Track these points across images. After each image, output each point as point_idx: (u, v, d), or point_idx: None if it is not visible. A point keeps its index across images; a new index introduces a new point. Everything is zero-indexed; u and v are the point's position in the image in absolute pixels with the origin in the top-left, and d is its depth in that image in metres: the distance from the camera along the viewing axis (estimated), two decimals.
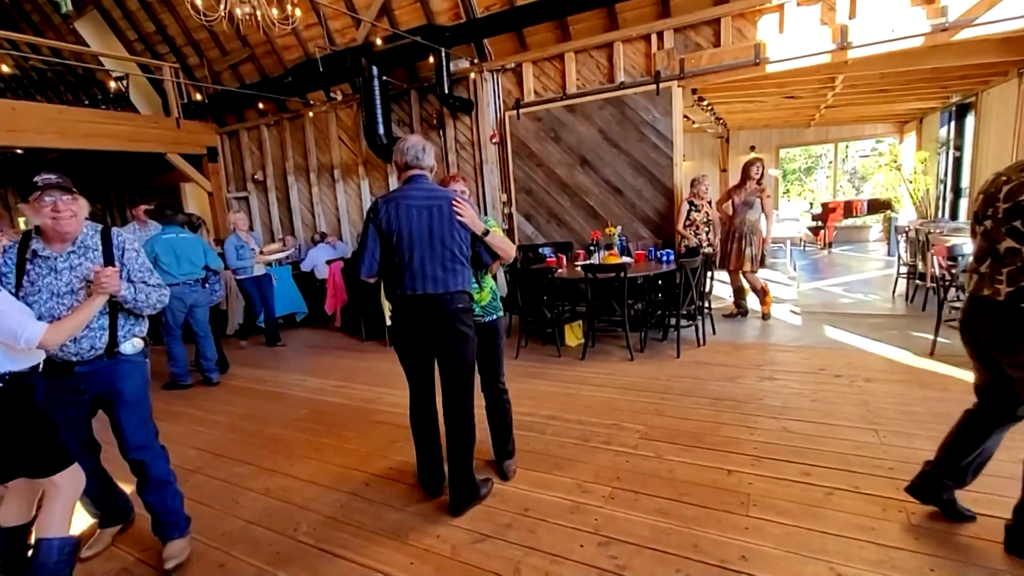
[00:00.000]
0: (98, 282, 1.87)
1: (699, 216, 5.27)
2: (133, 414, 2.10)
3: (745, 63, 4.97)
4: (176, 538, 2.19)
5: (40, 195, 1.85)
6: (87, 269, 1.93)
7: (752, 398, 3.41)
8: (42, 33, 8.90)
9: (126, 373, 2.07)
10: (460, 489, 2.40)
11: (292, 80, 7.15)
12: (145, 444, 2.14)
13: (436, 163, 2.52)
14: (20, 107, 6.16)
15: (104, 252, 2.01)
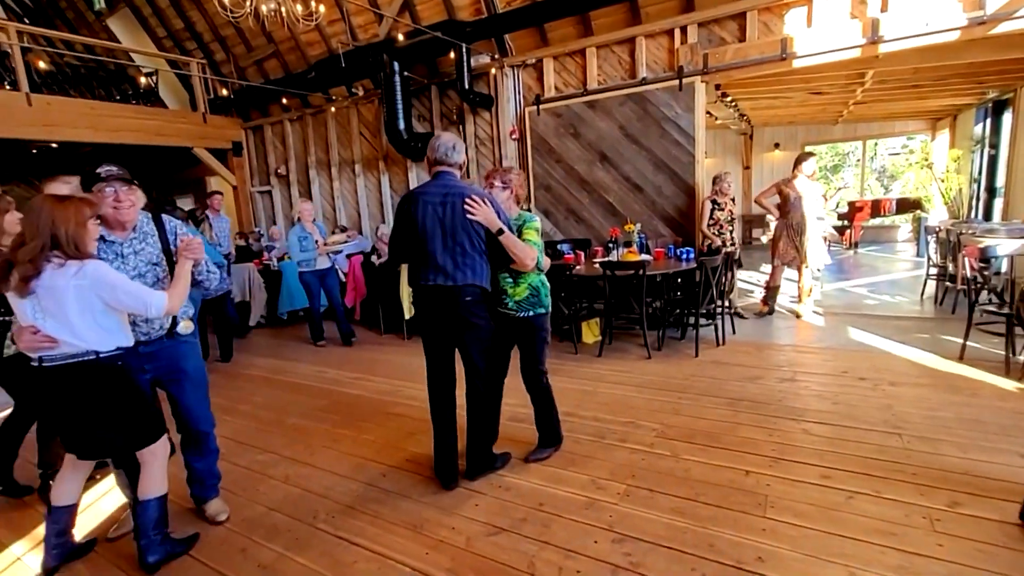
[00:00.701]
0: (188, 248, 2.08)
1: (723, 215, 5.20)
2: (197, 390, 2.29)
3: (771, 58, 4.87)
4: (215, 497, 2.48)
5: (103, 185, 1.98)
6: (146, 255, 2.10)
7: (772, 399, 3.36)
8: (76, 30, 9.16)
9: (187, 352, 2.25)
10: (473, 459, 2.63)
11: (315, 76, 7.24)
12: (209, 417, 2.36)
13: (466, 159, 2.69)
14: (55, 102, 6.36)
15: (160, 237, 2.17)
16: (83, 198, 1.93)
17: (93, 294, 1.83)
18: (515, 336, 2.71)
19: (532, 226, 2.59)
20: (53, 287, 1.79)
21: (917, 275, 6.77)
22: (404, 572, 2.02)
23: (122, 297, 1.88)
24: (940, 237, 5.65)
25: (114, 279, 1.88)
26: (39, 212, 1.79)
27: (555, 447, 2.88)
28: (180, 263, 2.09)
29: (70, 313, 1.81)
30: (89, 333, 1.86)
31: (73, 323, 1.83)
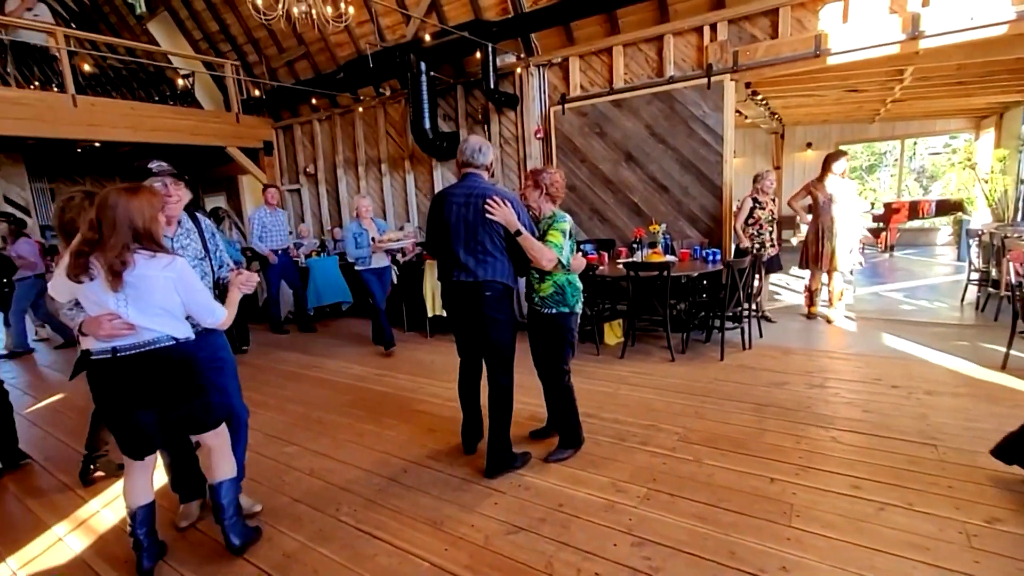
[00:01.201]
0: (246, 283, 2.20)
1: (764, 214, 5.09)
2: (235, 378, 2.39)
3: (804, 55, 4.73)
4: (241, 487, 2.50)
5: (153, 180, 2.04)
6: (191, 252, 2.19)
7: (800, 406, 3.28)
8: (119, 34, 9.54)
9: (225, 342, 2.36)
10: (493, 456, 2.67)
11: (344, 76, 7.36)
12: (245, 405, 2.46)
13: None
14: (98, 103, 6.64)
15: (199, 234, 2.26)
16: (152, 189, 1.95)
17: (175, 288, 1.89)
18: (540, 332, 2.77)
19: (558, 227, 2.60)
20: (144, 276, 1.82)
21: (957, 280, 6.50)
22: (423, 567, 2.04)
23: (198, 299, 1.96)
24: (983, 241, 5.41)
25: (196, 283, 1.95)
26: (115, 206, 1.79)
27: (575, 448, 2.87)
28: (232, 291, 2.18)
29: (155, 302, 1.87)
30: (171, 321, 1.93)
31: (156, 312, 1.88)
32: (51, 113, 6.09)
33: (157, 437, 2.04)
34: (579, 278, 2.83)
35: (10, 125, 5.86)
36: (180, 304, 1.94)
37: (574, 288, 2.72)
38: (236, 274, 2.23)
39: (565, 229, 2.61)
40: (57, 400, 4.44)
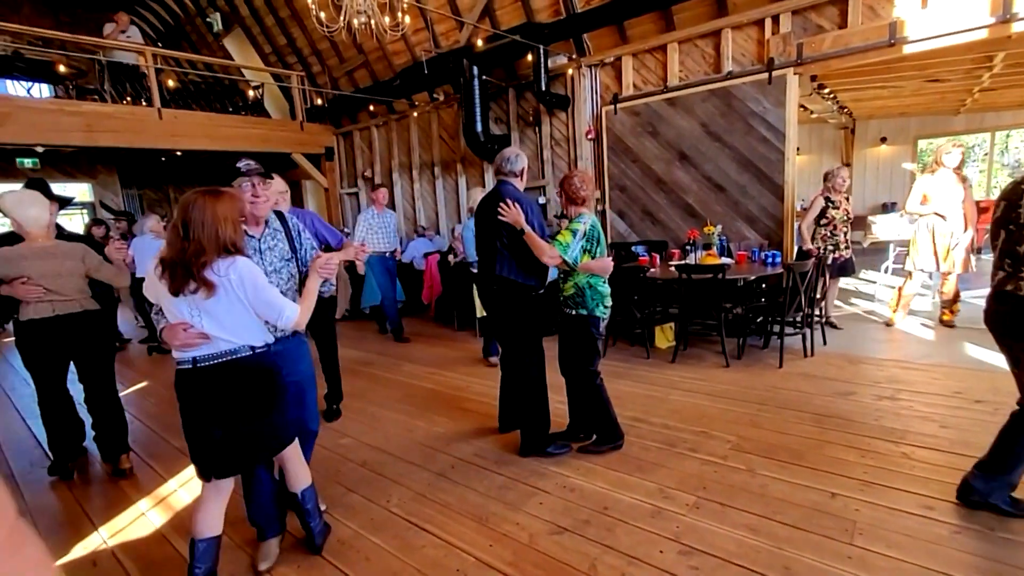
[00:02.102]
0: (325, 266, 2.07)
1: (838, 214, 4.78)
2: (312, 388, 2.31)
3: (878, 44, 4.44)
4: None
5: (242, 179, 2.00)
6: (279, 252, 2.12)
7: (866, 417, 3.08)
8: (198, 51, 10.32)
9: (305, 351, 2.27)
10: (523, 437, 2.94)
11: (400, 83, 7.63)
12: (317, 416, 2.42)
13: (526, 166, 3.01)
14: (180, 115, 7.22)
15: (286, 234, 2.20)
16: (233, 193, 1.88)
17: (237, 290, 1.78)
18: (564, 331, 2.88)
19: (571, 227, 2.72)
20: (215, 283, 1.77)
21: None
22: (468, 561, 2.09)
23: (262, 298, 1.83)
24: None
25: (259, 280, 1.83)
26: (202, 209, 1.74)
27: (612, 444, 2.89)
28: (311, 278, 2.06)
29: (222, 309, 1.78)
30: (242, 328, 1.84)
31: (225, 319, 1.79)
32: (140, 126, 6.69)
33: (234, 458, 1.87)
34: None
35: (107, 138, 6.49)
36: (248, 307, 1.83)
37: (594, 291, 2.75)
38: (316, 258, 2.10)
39: (576, 229, 2.68)
40: (144, 386, 4.87)
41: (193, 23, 10.13)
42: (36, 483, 3.00)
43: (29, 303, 2.69)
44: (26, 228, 2.69)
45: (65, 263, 2.76)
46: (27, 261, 2.66)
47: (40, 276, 2.68)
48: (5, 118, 5.80)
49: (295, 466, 2.11)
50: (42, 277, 2.69)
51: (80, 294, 2.84)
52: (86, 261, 2.85)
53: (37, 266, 2.68)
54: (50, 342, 2.76)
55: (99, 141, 6.49)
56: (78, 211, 9.88)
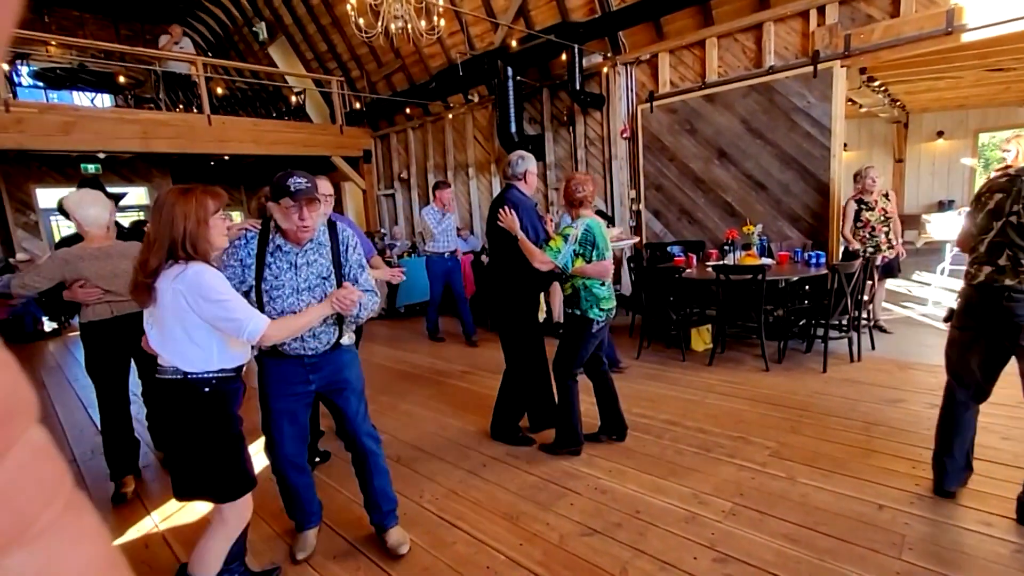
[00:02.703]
0: (340, 299, 1.83)
1: (873, 215, 4.55)
2: (361, 401, 2.14)
3: (933, 33, 4.21)
4: (395, 525, 2.22)
5: (289, 201, 1.78)
6: (318, 267, 1.93)
7: (918, 427, 2.92)
8: (245, 59, 10.77)
9: (350, 362, 2.10)
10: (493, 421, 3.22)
11: (435, 86, 7.74)
12: (373, 432, 2.18)
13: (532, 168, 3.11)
14: (228, 121, 7.55)
15: (332, 248, 1.98)
16: (207, 189, 1.67)
17: (185, 302, 1.57)
18: (563, 327, 2.95)
19: (562, 232, 2.81)
20: (159, 290, 1.58)
21: None
22: (499, 559, 2.10)
23: (216, 312, 1.59)
24: None
25: (212, 289, 1.58)
26: (161, 207, 1.59)
27: (569, 449, 2.90)
28: (322, 304, 1.84)
29: (168, 323, 1.60)
30: (176, 346, 1.61)
31: (168, 335, 1.61)
32: (191, 132, 7.03)
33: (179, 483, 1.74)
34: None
35: (161, 144, 6.86)
36: (199, 323, 1.60)
37: (589, 293, 2.79)
38: (341, 292, 1.87)
39: (568, 235, 2.75)
40: None
41: (240, 33, 10.58)
42: (96, 469, 3.19)
43: (89, 305, 2.66)
44: (85, 228, 2.66)
45: (121, 263, 2.68)
46: (84, 263, 2.62)
47: (97, 277, 2.64)
48: (71, 127, 6.21)
49: (207, 541, 1.73)
50: (99, 278, 2.64)
51: None
52: None
53: (94, 267, 2.64)
54: (109, 344, 2.72)
55: (154, 147, 6.87)
56: (136, 213, 10.48)
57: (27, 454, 0.20)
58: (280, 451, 2.05)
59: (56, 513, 0.21)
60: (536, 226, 2.95)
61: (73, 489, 0.22)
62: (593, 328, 2.80)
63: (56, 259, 2.60)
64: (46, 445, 0.21)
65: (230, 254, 1.89)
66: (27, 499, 0.20)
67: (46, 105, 6.93)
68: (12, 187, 8.15)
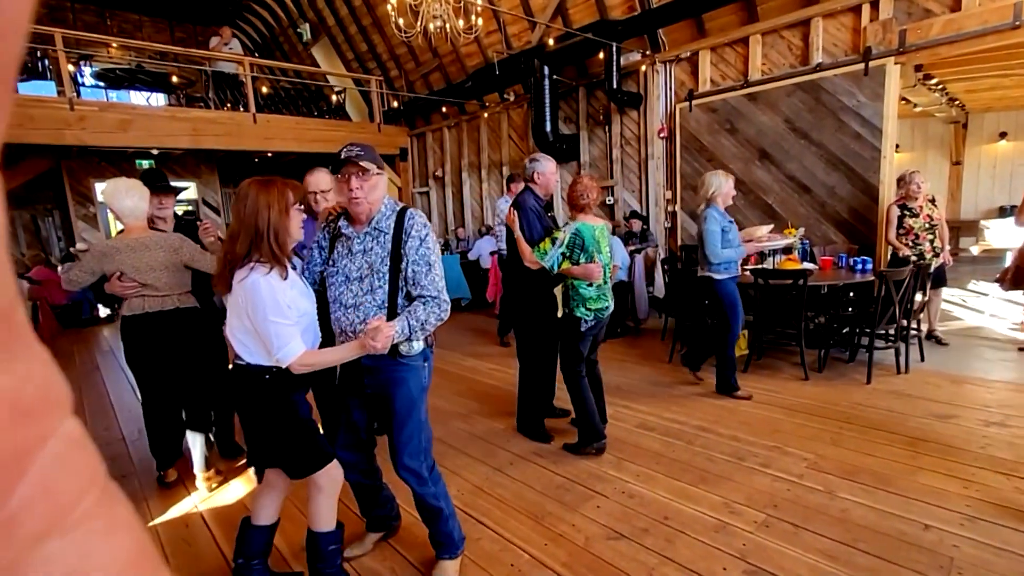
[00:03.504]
0: (376, 339, 1.60)
1: (917, 222, 4.28)
2: (402, 428, 1.87)
3: (998, 27, 3.97)
4: (445, 558, 2.00)
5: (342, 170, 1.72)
6: (374, 255, 1.78)
7: (970, 444, 2.75)
8: (289, 59, 11.11)
9: (400, 379, 1.84)
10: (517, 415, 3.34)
11: (471, 85, 7.79)
12: (411, 467, 1.89)
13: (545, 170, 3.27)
14: (272, 120, 7.81)
15: (394, 236, 1.78)
16: (286, 181, 1.72)
17: (244, 304, 1.64)
18: None
19: (553, 236, 2.93)
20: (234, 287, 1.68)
21: None
22: (523, 558, 2.09)
23: (262, 325, 1.62)
24: None
25: (265, 304, 1.60)
26: (245, 198, 1.66)
27: (592, 445, 2.91)
28: (352, 345, 1.68)
29: (233, 315, 1.70)
30: (239, 337, 1.71)
31: (234, 325, 1.70)
32: (238, 129, 7.31)
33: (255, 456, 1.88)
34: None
35: (210, 141, 7.15)
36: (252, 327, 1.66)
37: (575, 293, 2.89)
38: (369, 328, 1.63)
39: (556, 238, 2.87)
40: None
41: (285, 34, 10.92)
42: (143, 450, 3.34)
43: (128, 298, 2.58)
44: (124, 219, 2.56)
45: (158, 255, 2.58)
46: (121, 255, 2.53)
47: (133, 270, 2.54)
48: (128, 124, 6.55)
49: (313, 504, 1.87)
50: (135, 271, 2.54)
51: (176, 289, 2.65)
52: (180, 252, 2.65)
53: (130, 259, 2.54)
54: (146, 339, 2.62)
55: (203, 144, 7.17)
56: (184, 206, 10.98)
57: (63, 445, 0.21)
58: (335, 445, 1.99)
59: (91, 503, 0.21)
60: (532, 226, 3.05)
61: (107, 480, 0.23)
62: (582, 327, 2.88)
63: (95, 252, 2.55)
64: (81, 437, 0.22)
65: (317, 236, 1.94)
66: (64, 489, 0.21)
67: (106, 104, 7.33)
68: (74, 181, 8.65)
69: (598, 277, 2.84)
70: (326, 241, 1.90)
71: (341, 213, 1.86)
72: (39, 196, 9.47)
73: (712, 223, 3.49)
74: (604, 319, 2.95)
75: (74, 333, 7.44)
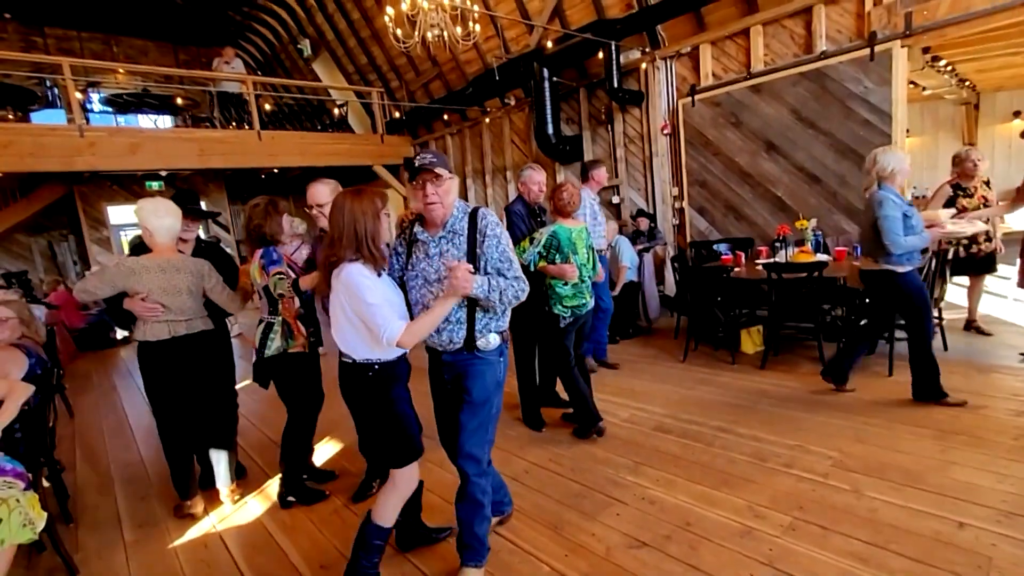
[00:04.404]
0: (459, 279, 1.71)
1: (971, 203, 3.98)
2: (473, 417, 1.94)
3: (1010, 4, 3.87)
4: (471, 566, 1.98)
5: (414, 177, 1.83)
6: (450, 258, 1.84)
7: (1003, 436, 2.66)
8: (291, 75, 11.21)
9: (478, 372, 1.92)
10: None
11: (472, 91, 7.79)
12: (474, 455, 1.95)
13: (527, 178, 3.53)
14: (276, 136, 7.88)
15: (468, 237, 1.86)
16: (374, 190, 1.85)
17: (343, 297, 1.78)
18: None
19: (532, 236, 3.10)
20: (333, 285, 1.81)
21: None
22: (543, 570, 2.05)
23: (362, 312, 1.75)
24: None
25: (362, 289, 1.72)
26: (342, 208, 1.77)
27: (592, 427, 3.12)
28: (444, 298, 1.77)
29: (336, 314, 1.82)
30: (343, 335, 1.84)
31: (338, 324, 1.83)
32: (243, 147, 7.38)
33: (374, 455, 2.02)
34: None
35: (216, 160, 7.23)
36: (348, 318, 1.80)
37: (552, 291, 3.08)
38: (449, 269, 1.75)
39: (535, 239, 3.07)
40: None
41: (287, 50, 11.03)
42: (163, 471, 3.35)
43: (146, 322, 2.52)
44: (156, 238, 2.53)
45: (184, 278, 2.56)
46: (150, 274, 2.50)
47: (158, 292, 2.50)
48: (137, 147, 6.65)
49: (385, 497, 1.94)
50: (160, 292, 2.50)
51: (198, 312, 2.65)
52: (206, 279, 2.64)
53: (156, 280, 2.51)
54: (168, 366, 2.56)
55: (210, 163, 7.25)
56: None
57: None
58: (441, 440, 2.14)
59: None
60: (516, 227, 3.37)
61: None
62: (560, 323, 3.09)
63: (123, 267, 2.49)
64: None
65: (394, 243, 2.02)
66: None
67: (115, 128, 7.46)
68: (87, 206, 8.80)
69: (572, 277, 3.02)
70: (403, 247, 1.97)
71: (416, 219, 1.96)
72: (54, 222, 9.65)
73: (891, 208, 2.95)
74: (582, 315, 3.18)
75: (92, 355, 7.54)
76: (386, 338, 1.71)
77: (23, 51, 9.46)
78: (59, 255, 9.89)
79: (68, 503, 2.91)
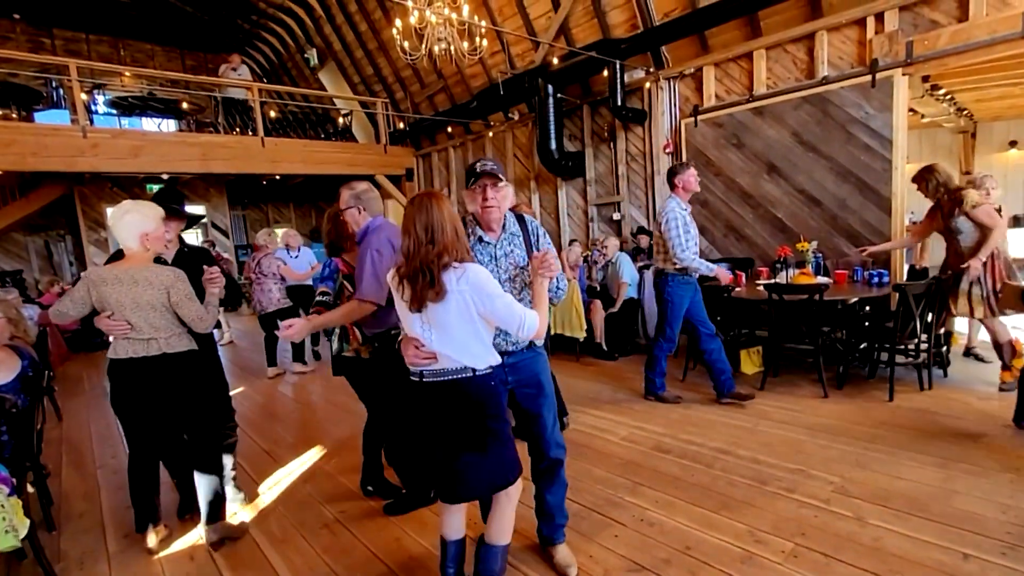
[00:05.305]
0: (545, 264, 1.78)
1: None
2: (550, 409, 2.01)
3: (1008, 37, 3.93)
4: (563, 542, 2.15)
5: (476, 182, 1.85)
6: (515, 258, 1.92)
7: (1007, 466, 2.63)
8: (297, 84, 11.29)
9: (543, 365, 2.00)
10: None
11: (476, 105, 7.85)
12: (561, 441, 2.07)
13: None
14: (280, 143, 7.90)
15: (524, 238, 1.97)
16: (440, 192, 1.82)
17: (472, 302, 1.64)
18: None
19: None
20: (447, 294, 1.63)
21: None
22: None
23: (498, 309, 1.65)
24: None
25: (493, 288, 1.66)
26: (438, 210, 1.64)
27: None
28: (538, 282, 1.80)
29: (453, 324, 1.65)
30: (465, 346, 1.68)
31: (455, 336, 1.67)
32: (246, 153, 7.39)
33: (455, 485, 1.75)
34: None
35: (219, 165, 7.23)
36: (480, 322, 1.68)
37: None
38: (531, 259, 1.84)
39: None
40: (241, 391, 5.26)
41: (293, 59, 11.13)
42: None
43: (116, 338, 2.26)
44: (123, 241, 2.26)
45: (146, 291, 2.22)
46: (108, 287, 2.20)
47: (119, 306, 2.20)
48: (139, 150, 6.65)
49: (500, 514, 1.86)
50: (120, 307, 2.20)
51: (162, 332, 2.28)
52: (172, 292, 2.27)
53: (116, 293, 2.20)
54: (133, 387, 2.30)
55: (213, 168, 7.25)
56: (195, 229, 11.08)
57: None
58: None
59: None
60: None
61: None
62: None
63: (88, 279, 2.25)
64: None
65: None
66: None
67: (118, 131, 7.45)
68: (86, 207, 8.77)
69: None
70: None
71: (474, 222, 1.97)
72: (52, 222, 9.62)
73: None
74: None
75: (84, 357, 7.45)
76: (528, 326, 1.68)
77: (31, 51, 9.51)
78: (55, 255, 9.84)
79: (52, 509, 2.84)
